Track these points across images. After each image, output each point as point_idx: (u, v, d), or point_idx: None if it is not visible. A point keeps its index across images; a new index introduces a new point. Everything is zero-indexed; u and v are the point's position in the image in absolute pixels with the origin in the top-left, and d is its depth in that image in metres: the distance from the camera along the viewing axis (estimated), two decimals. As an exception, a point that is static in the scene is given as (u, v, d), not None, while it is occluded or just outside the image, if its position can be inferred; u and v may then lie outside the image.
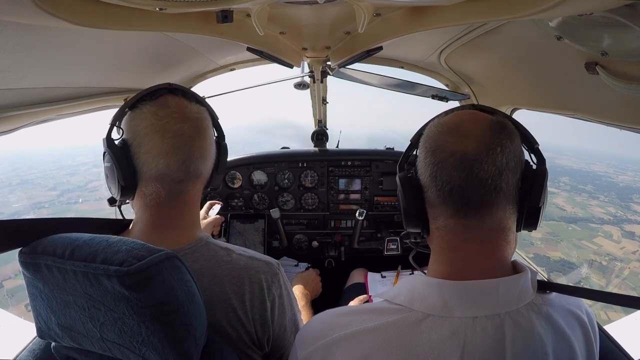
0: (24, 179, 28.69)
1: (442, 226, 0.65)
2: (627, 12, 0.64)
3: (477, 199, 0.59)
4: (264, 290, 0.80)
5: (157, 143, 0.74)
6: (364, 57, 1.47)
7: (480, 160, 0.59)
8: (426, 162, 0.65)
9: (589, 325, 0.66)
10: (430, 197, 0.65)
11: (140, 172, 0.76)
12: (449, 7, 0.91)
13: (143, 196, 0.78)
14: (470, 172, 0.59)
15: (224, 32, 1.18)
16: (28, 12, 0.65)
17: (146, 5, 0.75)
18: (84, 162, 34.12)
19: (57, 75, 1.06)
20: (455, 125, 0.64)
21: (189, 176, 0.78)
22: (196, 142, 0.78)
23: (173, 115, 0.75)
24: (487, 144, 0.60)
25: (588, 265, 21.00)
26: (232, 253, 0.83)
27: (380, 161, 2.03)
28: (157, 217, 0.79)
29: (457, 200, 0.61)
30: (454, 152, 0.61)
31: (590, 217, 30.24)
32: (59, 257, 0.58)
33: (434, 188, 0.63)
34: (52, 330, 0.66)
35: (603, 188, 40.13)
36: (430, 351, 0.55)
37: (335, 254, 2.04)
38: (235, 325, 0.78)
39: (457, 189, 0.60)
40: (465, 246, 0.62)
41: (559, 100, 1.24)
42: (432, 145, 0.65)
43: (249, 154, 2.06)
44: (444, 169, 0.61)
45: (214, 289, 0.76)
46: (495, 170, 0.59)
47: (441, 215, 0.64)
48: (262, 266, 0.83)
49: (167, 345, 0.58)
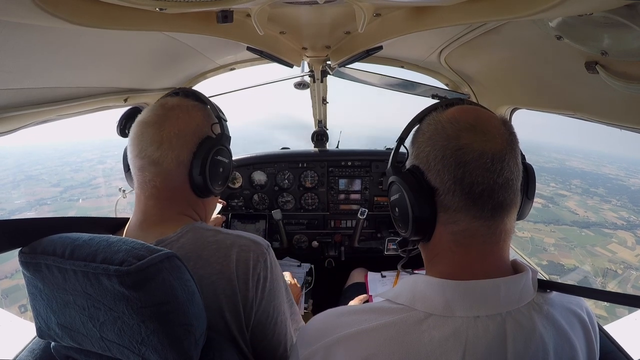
0: (28, 175, 28.60)
1: (462, 230, 0.60)
2: (627, 12, 0.63)
3: (505, 200, 0.58)
4: (248, 269, 0.77)
5: (132, 132, 0.81)
6: (363, 56, 1.47)
7: (508, 160, 0.57)
8: (446, 162, 0.59)
9: (589, 324, 0.66)
10: (447, 201, 0.60)
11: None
12: (449, 7, 0.91)
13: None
14: (501, 173, 0.57)
15: (224, 32, 1.18)
16: (28, 12, 0.65)
17: (146, 5, 0.75)
18: (89, 158, 34.11)
19: (57, 76, 1.06)
20: (473, 121, 0.60)
21: (144, 164, 0.79)
22: (150, 128, 0.79)
23: (154, 107, 0.82)
24: (508, 143, 0.58)
25: (603, 275, 20.20)
26: (219, 233, 0.80)
27: (380, 161, 2.03)
28: (141, 212, 0.82)
29: (486, 202, 0.57)
30: (483, 152, 0.57)
31: (603, 222, 29.38)
32: (59, 257, 0.59)
33: (459, 191, 0.58)
34: (51, 330, 0.66)
35: (615, 191, 39.39)
36: (432, 351, 0.55)
37: (335, 253, 2.04)
38: (224, 308, 0.75)
39: (488, 191, 0.57)
40: (480, 248, 0.61)
41: (559, 100, 1.24)
42: (453, 144, 0.59)
43: (249, 154, 2.07)
44: (474, 170, 0.57)
45: (200, 272, 0.74)
46: (516, 170, 0.58)
47: (463, 219, 0.59)
48: (248, 244, 0.79)
49: (166, 345, 0.58)
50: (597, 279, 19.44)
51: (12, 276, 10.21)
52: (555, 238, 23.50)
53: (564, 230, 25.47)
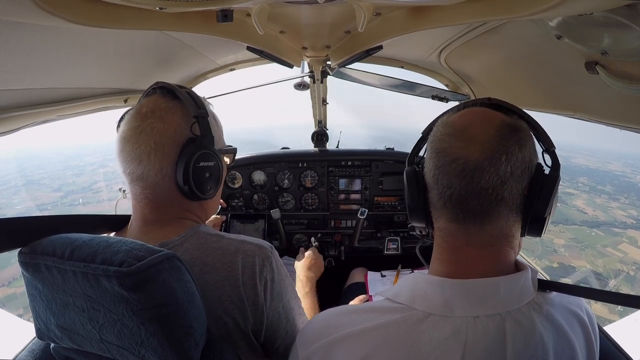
0: (30, 179, 28.37)
1: (443, 228, 0.64)
2: (627, 12, 0.63)
3: (477, 207, 0.58)
4: (255, 274, 0.77)
5: (116, 146, 0.79)
6: (364, 56, 1.47)
7: (482, 169, 0.57)
8: (430, 163, 0.64)
9: (589, 324, 0.66)
10: (432, 198, 0.65)
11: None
12: (449, 7, 0.91)
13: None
14: (471, 181, 0.57)
15: (224, 32, 1.18)
16: (28, 12, 0.65)
17: (146, 4, 0.75)
18: (92, 161, 33.86)
19: (57, 76, 1.06)
20: (463, 127, 0.62)
21: (131, 179, 0.78)
22: (127, 145, 0.76)
23: (130, 116, 0.79)
24: (492, 151, 0.58)
25: (615, 276, 19.31)
26: (222, 238, 0.80)
27: (380, 161, 2.03)
28: (140, 218, 0.81)
29: (456, 207, 0.60)
30: (456, 158, 0.59)
31: (613, 221, 28.51)
32: (59, 258, 0.58)
33: (436, 190, 0.62)
34: (51, 331, 0.66)
35: (622, 189, 38.48)
36: (432, 350, 0.55)
37: (335, 253, 2.04)
38: (231, 313, 0.75)
39: (456, 196, 0.59)
40: (466, 249, 0.62)
41: (559, 100, 1.24)
42: (436, 146, 0.63)
43: (249, 154, 2.06)
44: (445, 174, 0.60)
45: (206, 277, 0.74)
46: (497, 180, 0.57)
47: (442, 218, 0.64)
48: (253, 249, 0.79)
49: (166, 347, 0.58)
50: (609, 281, 18.66)
51: (9, 284, 9.82)
52: (565, 239, 22.86)
53: (573, 230, 24.86)
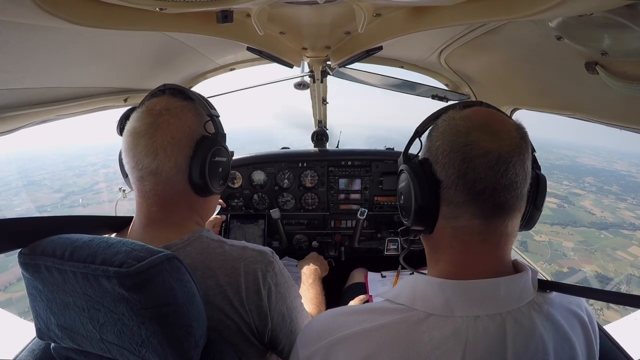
0: (31, 180, 28.18)
1: (461, 226, 0.62)
2: (627, 12, 0.64)
3: (505, 202, 0.58)
4: (258, 280, 0.79)
5: (124, 142, 0.80)
6: (364, 57, 1.47)
7: (514, 164, 0.58)
8: (452, 157, 0.60)
9: (589, 324, 0.66)
10: (450, 195, 0.61)
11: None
12: (449, 7, 0.91)
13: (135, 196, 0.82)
14: (505, 174, 0.57)
15: (224, 32, 1.18)
16: (28, 12, 0.65)
17: (146, 5, 0.75)
18: (93, 162, 33.72)
19: (57, 76, 1.06)
20: (485, 121, 0.61)
21: (142, 174, 0.78)
22: (142, 139, 0.77)
23: (141, 114, 0.80)
24: (518, 147, 0.59)
25: (626, 281, 18.83)
26: (224, 244, 0.82)
27: (380, 161, 2.03)
28: (145, 217, 0.81)
29: (487, 201, 0.58)
30: (488, 151, 0.58)
31: (621, 223, 28.03)
32: (59, 258, 0.58)
33: (462, 186, 0.59)
34: (51, 331, 0.66)
35: (629, 189, 37.92)
36: (432, 351, 0.55)
37: (335, 254, 2.04)
38: (233, 317, 0.77)
39: (489, 190, 0.58)
40: (479, 248, 0.61)
41: (559, 100, 1.24)
42: (461, 140, 0.60)
43: (249, 154, 2.06)
44: (476, 167, 0.58)
45: (208, 282, 0.75)
46: (523, 176, 0.59)
47: (463, 215, 0.61)
48: (255, 256, 0.81)
49: (166, 347, 0.58)
50: (621, 286, 18.30)
51: (5, 289, 9.52)
52: (574, 241, 22.52)
53: (582, 232, 24.48)
